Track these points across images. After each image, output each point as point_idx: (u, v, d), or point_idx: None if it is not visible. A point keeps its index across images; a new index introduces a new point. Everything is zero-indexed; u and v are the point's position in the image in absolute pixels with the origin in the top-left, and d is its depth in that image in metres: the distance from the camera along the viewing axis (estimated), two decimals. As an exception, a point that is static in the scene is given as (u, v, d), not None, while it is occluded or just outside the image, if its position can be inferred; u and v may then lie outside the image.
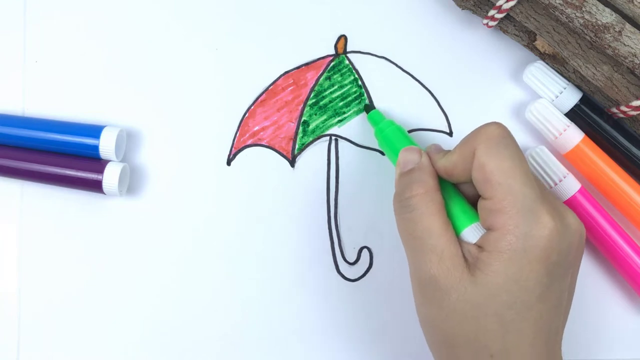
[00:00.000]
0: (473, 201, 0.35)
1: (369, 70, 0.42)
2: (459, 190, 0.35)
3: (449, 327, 0.32)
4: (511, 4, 0.38)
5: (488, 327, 0.31)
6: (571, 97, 0.40)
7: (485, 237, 0.32)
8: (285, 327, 0.41)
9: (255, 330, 0.41)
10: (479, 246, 0.32)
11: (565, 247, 0.32)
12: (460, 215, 0.34)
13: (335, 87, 0.42)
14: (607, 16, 0.35)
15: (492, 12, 0.39)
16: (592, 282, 0.42)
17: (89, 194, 0.41)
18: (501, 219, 0.31)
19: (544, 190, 0.33)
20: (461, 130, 0.42)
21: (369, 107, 0.42)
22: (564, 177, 0.40)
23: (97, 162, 0.40)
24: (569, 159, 0.41)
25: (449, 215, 0.34)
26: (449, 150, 0.35)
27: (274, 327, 0.41)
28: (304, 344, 0.41)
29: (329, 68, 0.42)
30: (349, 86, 0.42)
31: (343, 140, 0.42)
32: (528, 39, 0.40)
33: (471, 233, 0.33)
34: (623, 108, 0.38)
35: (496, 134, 0.33)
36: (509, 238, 0.31)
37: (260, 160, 0.42)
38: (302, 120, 0.42)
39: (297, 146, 0.42)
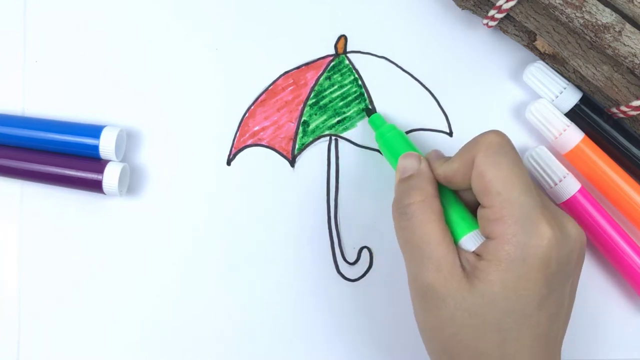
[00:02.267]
0: (473, 208, 0.34)
1: (369, 70, 0.42)
2: (458, 197, 0.35)
3: (448, 336, 0.32)
4: (511, 4, 0.38)
5: (486, 336, 0.31)
6: (571, 97, 0.40)
7: (484, 245, 0.32)
8: (285, 327, 0.41)
9: (255, 330, 0.41)
10: (477, 254, 0.32)
11: (565, 256, 0.31)
12: (460, 222, 0.34)
13: (335, 87, 0.42)
14: (607, 16, 0.35)
15: (492, 12, 0.39)
16: (592, 282, 0.42)
17: (89, 194, 0.41)
18: (500, 228, 0.31)
19: (543, 199, 0.33)
20: (461, 130, 0.42)
21: (370, 111, 0.41)
22: (564, 177, 0.40)
23: (97, 162, 0.40)
24: (569, 159, 0.41)
25: (447, 222, 0.34)
26: (450, 157, 0.35)
27: (274, 327, 0.41)
28: (304, 344, 0.41)
29: (329, 68, 0.42)
30: (349, 86, 0.42)
31: (343, 140, 0.42)
32: (528, 39, 0.40)
33: (470, 241, 0.33)
34: (623, 108, 0.38)
35: (495, 143, 0.33)
36: (508, 247, 0.31)
37: (260, 160, 0.42)
38: (302, 120, 0.42)
39: (297, 146, 0.42)
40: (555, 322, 0.32)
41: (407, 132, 0.42)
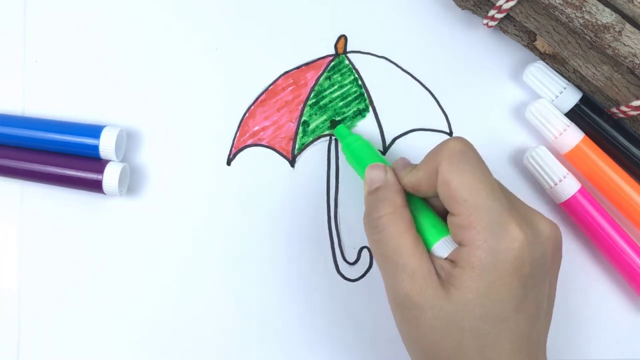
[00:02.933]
0: (443, 214, 0.34)
1: (369, 70, 0.42)
2: (428, 204, 0.35)
3: (428, 344, 0.32)
4: (511, 4, 0.38)
5: (465, 342, 0.31)
6: (571, 97, 0.40)
7: (457, 252, 0.32)
8: (285, 327, 0.41)
9: (255, 330, 0.41)
10: (451, 261, 0.32)
11: (539, 256, 0.31)
12: (431, 229, 0.34)
13: (335, 87, 0.42)
14: (607, 16, 0.35)
15: (492, 12, 0.39)
16: (591, 282, 0.42)
17: (89, 194, 0.41)
18: (470, 234, 0.31)
19: (512, 200, 0.33)
20: (461, 130, 0.42)
21: (335, 122, 0.41)
22: (564, 177, 0.40)
23: (97, 162, 0.40)
24: (569, 159, 0.41)
25: (419, 230, 0.34)
26: (416, 165, 0.35)
27: (274, 327, 0.41)
28: (304, 344, 0.41)
29: (329, 68, 0.42)
30: (349, 86, 0.42)
31: (343, 140, 0.42)
32: (528, 39, 0.40)
33: (442, 247, 0.33)
34: (623, 108, 0.38)
35: (457, 150, 0.33)
36: (479, 253, 0.31)
37: (260, 160, 0.42)
38: (302, 120, 0.42)
39: (297, 146, 0.42)
40: (535, 324, 0.32)
41: (407, 132, 0.42)
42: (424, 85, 0.42)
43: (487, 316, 0.31)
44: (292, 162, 0.42)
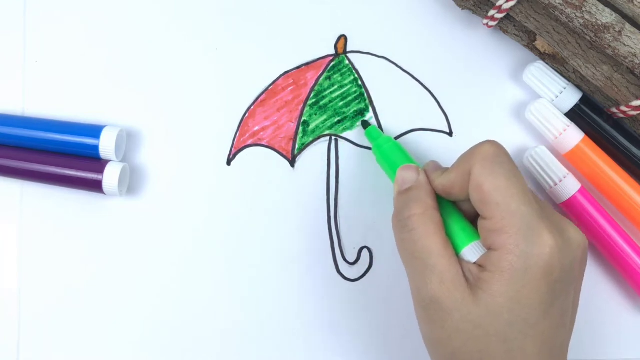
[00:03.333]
0: (472, 218, 0.34)
1: (369, 70, 0.42)
2: (457, 208, 0.35)
3: (453, 347, 0.32)
4: (511, 4, 0.38)
5: (491, 347, 0.31)
6: (571, 97, 0.40)
7: (487, 256, 0.32)
8: (285, 327, 0.41)
9: (255, 330, 0.41)
10: (480, 265, 0.32)
11: (568, 263, 0.31)
12: (460, 233, 0.34)
13: (335, 87, 0.42)
14: (607, 16, 0.35)
15: (492, 12, 0.39)
16: (592, 282, 0.42)
17: (89, 194, 0.41)
18: (501, 238, 0.31)
19: (543, 207, 0.33)
20: (461, 130, 0.42)
21: (366, 123, 0.41)
22: (564, 177, 0.40)
23: (97, 162, 0.40)
24: (569, 159, 0.41)
25: (448, 234, 0.34)
26: (447, 168, 0.35)
27: (274, 327, 0.41)
28: (304, 344, 0.41)
29: (329, 68, 0.42)
30: (349, 86, 0.42)
31: (343, 140, 0.42)
32: (528, 39, 0.40)
33: (471, 252, 0.33)
34: (623, 108, 0.38)
35: (491, 153, 0.33)
36: (510, 258, 0.31)
37: (260, 160, 0.42)
38: (302, 120, 0.42)
39: (297, 146, 0.42)
40: (560, 330, 0.32)
41: (407, 132, 0.42)
42: (424, 85, 0.42)
43: (515, 321, 0.31)
44: (292, 162, 0.42)
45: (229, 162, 0.42)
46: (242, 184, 0.42)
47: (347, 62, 0.42)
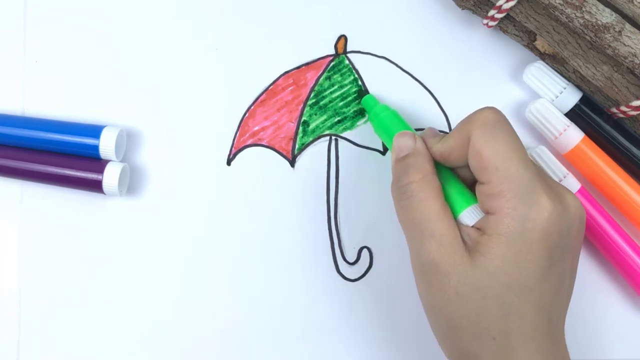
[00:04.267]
0: (470, 184, 0.35)
1: (369, 70, 0.42)
2: (455, 174, 0.35)
3: (451, 311, 0.32)
4: (511, 4, 0.38)
5: (489, 310, 0.31)
6: (571, 97, 0.40)
7: (484, 220, 0.32)
8: (285, 327, 0.41)
9: (255, 330, 0.41)
10: (478, 229, 0.32)
11: (565, 228, 0.32)
12: (458, 198, 0.34)
13: (335, 87, 0.42)
14: (607, 16, 0.35)
15: (492, 12, 0.39)
16: (592, 282, 0.42)
17: (89, 194, 0.41)
18: (499, 202, 0.31)
19: (541, 173, 0.33)
20: (461, 130, 0.42)
21: (363, 93, 0.41)
22: (564, 177, 0.40)
23: (97, 162, 0.40)
24: (569, 159, 0.41)
25: (446, 199, 0.34)
26: (445, 134, 0.35)
27: (274, 327, 0.41)
28: (304, 344, 0.41)
29: (329, 68, 0.42)
30: (349, 86, 0.42)
31: (343, 140, 0.42)
32: (528, 39, 0.40)
33: (469, 215, 0.33)
34: (623, 108, 0.38)
35: (491, 119, 0.33)
36: (508, 221, 0.31)
37: (260, 160, 0.42)
38: (302, 120, 0.42)
39: (297, 146, 0.42)
40: (557, 297, 0.32)
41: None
42: (424, 85, 0.42)
43: (512, 284, 0.31)
44: (292, 162, 0.42)
45: (229, 162, 0.42)
46: (242, 184, 0.42)
47: (347, 62, 0.42)
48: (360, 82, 0.42)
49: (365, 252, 0.42)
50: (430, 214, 0.33)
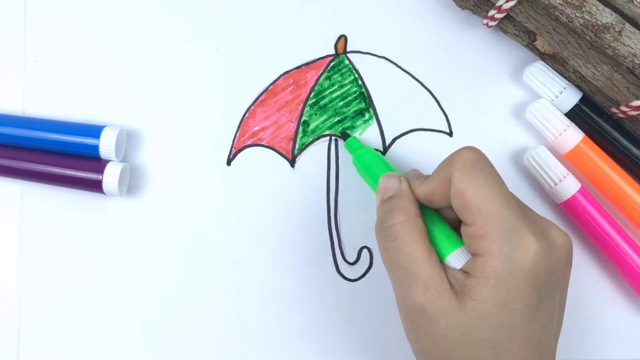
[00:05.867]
0: (455, 225, 0.34)
1: (369, 70, 0.42)
2: (440, 215, 0.35)
3: (440, 354, 0.32)
4: (511, 4, 0.38)
5: (479, 352, 0.31)
6: (571, 97, 0.40)
7: (471, 262, 0.32)
8: (285, 327, 0.41)
9: (255, 330, 0.41)
10: (465, 272, 0.32)
11: (552, 265, 0.31)
12: (444, 240, 0.34)
13: (336, 87, 0.42)
14: (607, 16, 0.35)
15: (492, 12, 0.39)
16: (592, 282, 0.42)
17: (89, 194, 0.41)
18: (485, 244, 0.31)
19: (525, 209, 0.33)
20: (461, 130, 0.42)
21: (346, 135, 0.41)
22: (564, 177, 0.40)
23: (97, 162, 0.40)
24: (569, 159, 0.41)
25: (432, 241, 0.34)
26: (428, 176, 0.35)
27: (274, 327, 0.41)
28: (304, 344, 0.41)
29: (329, 68, 0.42)
30: (349, 86, 0.42)
31: (343, 140, 0.42)
32: (528, 39, 0.40)
33: (455, 258, 0.33)
34: (623, 108, 0.38)
35: (470, 159, 0.33)
36: (494, 263, 0.31)
37: (260, 160, 0.42)
38: (302, 120, 0.42)
39: (297, 146, 0.42)
40: (547, 333, 0.32)
41: (407, 132, 0.42)
42: (424, 85, 0.42)
43: (502, 326, 0.31)
44: (292, 162, 0.42)
45: (229, 162, 0.42)
46: (242, 184, 0.42)
47: (347, 62, 0.42)
48: (360, 82, 0.42)
49: (365, 252, 0.42)
50: (415, 257, 0.32)
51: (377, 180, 0.37)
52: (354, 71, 0.42)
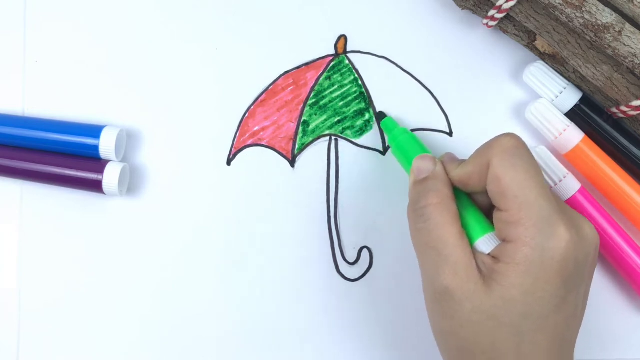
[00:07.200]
0: (486, 211, 0.34)
1: (369, 70, 0.42)
2: (472, 200, 0.35)
3: (464, 338, 0.32)
4: (511, 4, 0.38)
5: (503, 338, 0.31)
6: (571, 97, 0.40)
7: (501, 248, 0.32)
8: (285, 327, 0.41)
9: (255, 330, 0.41)
10: (493, 257, 0.32)
11: (582, 258, 0.32)
12: (475, 225, 0.34)
13: (336, 87, 0.42)
14: (607, 16, 0.35)
15: (492, 12, 0.39)
16: (592, 281, 0.42)
17: (89, 194, 0.41)
18: (517, 231, 0.31)
19: (559, 202, 0.33)
20: (461, 130, 0.42)
21: (382, 115, 0.41)
22: (564, 177, 0.40)
23: (97, 162, 0.40)
24: (569, 159, 0.41)
25: (463, 225, 0.33)
26: (464, 160, 0.35)
27: (274, 327, 0.41)
28: (304, 344, 0.41)
29: (329, 68, 0.42)
30: (349, 86, 0.42)
31: (343, 140, 0.42)
32: (528, 39, 0.40)
33: (485, 243, 0.33)
34: (623, 108, 0.38)
35: (510, 146, 0.33)
36: (526, 250, 0.31)
37: (260, 160, 0.42)
38: (302, 120, 0.42)
39: (297, 146, 0.42)
40: (571, 324, 0.32)
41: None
42: (424, 85, 0.42)
43: (528, 313, 0.31)
44: (292, 162, 0.42)
45: (229, 162, 0.42)
46: (242, 184, 0.42)
47: (347, 62, 0.42)
48: (360, 82, 0.42)
49: (365, 252, 0.42)
50: (447, 239, 0.32)
51: (411, 161, 0.37)
52: (354, 71, 0.42)
